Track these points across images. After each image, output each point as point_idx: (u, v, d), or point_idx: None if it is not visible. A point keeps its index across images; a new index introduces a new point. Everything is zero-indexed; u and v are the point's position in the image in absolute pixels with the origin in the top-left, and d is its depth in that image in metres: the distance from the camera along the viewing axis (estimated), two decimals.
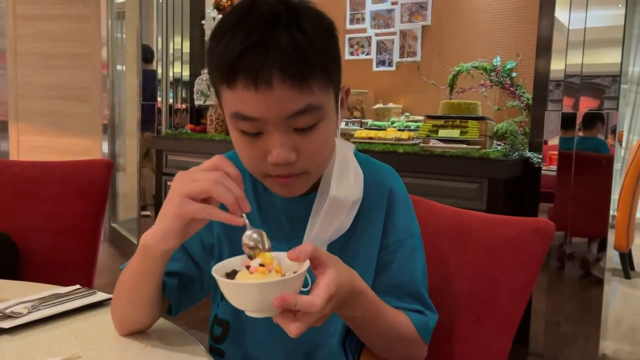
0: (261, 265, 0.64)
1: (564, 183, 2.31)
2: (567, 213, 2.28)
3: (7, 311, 0.89)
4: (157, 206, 3.35)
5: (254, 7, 0.69)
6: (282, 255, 0.67)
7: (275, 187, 0.77)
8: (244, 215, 0.67)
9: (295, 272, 0.64)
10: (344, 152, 0.81)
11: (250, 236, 0.68)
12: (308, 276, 0.65)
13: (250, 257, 0.68)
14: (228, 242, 0.86)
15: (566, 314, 2.35)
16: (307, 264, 0.64)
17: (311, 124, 0.71)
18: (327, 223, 0.78)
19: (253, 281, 0.61)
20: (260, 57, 0.66)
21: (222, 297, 0.88)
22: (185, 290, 0.86)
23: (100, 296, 1.00)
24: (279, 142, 0.70)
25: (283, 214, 0.84)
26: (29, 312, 0.91)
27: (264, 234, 0.69)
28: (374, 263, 0.84)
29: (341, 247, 0.82)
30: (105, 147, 4.31)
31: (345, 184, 0.78)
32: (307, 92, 0.68)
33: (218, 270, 0.66)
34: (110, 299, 0.99)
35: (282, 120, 0.69)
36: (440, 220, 1.04)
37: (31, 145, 4.21)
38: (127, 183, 4.31)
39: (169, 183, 3.19)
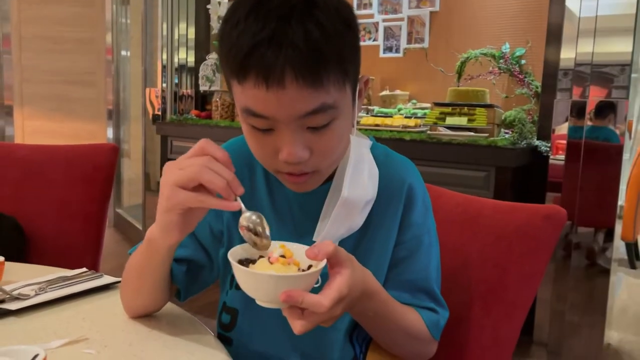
0: (282, 256, 0.64)
1: (572, 172, 2.29)
2: (574, 202, 2.27)
3: (15, 293, 0.89)
4: None
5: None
6: (301, 248, 0.66)
7: (287, 183, 0.76)
8: (238, 198, 0.66)
9: (310, 266, 0.64)
10: (359, 149, 0.77)
11: (249, 218, 0.67)
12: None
13: (255, 243, 0.67)
14: (238, 229, 0.84)
15: (571, 304, 2.34)
16: (324, 261, 0.63)
17: (325, 123, 0.68)
18: (338, 223, 0.76)
19: (272, 272, 0.61)
20: (273, 54, 0.62)
21: (232, 285, 0.88)
22: (193, 277, 0.86)
23: (106, 279, 1.00)
24: (290, 140, 0.68)
25: (296, 204, 0.83)
26: (36, 294, 0.90)
27: (262, 217, 0.67)
28: (388, 258, 0.83)
29: (355, 243, 0.81)
30: (110, 132, 4.31)
31: (358, 184, 0.75)
32: (321, 91, 0.65)
33: (233, 255, 0.65)
34: (116, 282, 0.99)
35: (294, 119, 0.67)
36: (449, 207, 1.02)
37: (36, 130, 4.21)
38: (131, 169, 4.32)
39: None
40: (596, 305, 2.30)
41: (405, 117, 2.59)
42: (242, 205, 0.66)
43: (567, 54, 2.35)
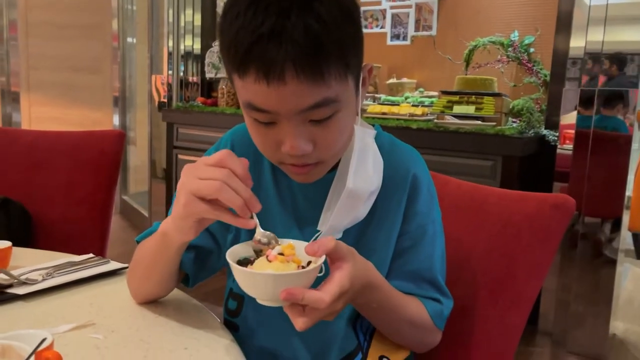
0: (280, 254, 0.64)
1: (579, 162, 2.27)
2: (581, 192, 2.25)
3: (22, 278, 0.90)
4: (167, 180, 3.35)
5: None
6: (301, 245, 0.66)
7: (291, 174, 0.76)
8: (254, 215, 0.67)
9: (309, 262, 0.64)
10: (364, 139, 0.76)
11: (263, 234, 0.69)
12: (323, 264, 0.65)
13: (258, 253, 0.67)
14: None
15: (577, 294, 2.34)
16: (323, 257, 0.63)
17: (327, 116, 0.68)
18: (343, 214, 0.75)
19: (269, 271, 0.61)
20: (273, 49, 0.62)
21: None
22: (202, 264, 0.86)
23: (113, 265, 1.00)
24: (293, 133, 0.68)
25: (300, 193, 0.83)
26: (44, 279, 0.91)
27: (275, 236, 0.69)
28: (392, 248, 0.82)
29: (359, 233, 0.81)
30: (116, 119, 4.31)
31: (363, 174, 0.74)
32: (322, 86, 0.65)
33: (232, 255, 0.66)
34: (123, 268, 0.99)
35: (296, 113, 0.67)
36: (456, 195, 1.02)
37: (42, 117, 4.22)
38: (137, 156, 4.32)
39: (179, 156, 3.19)
40: (602, 295, 2.30)
41: (412, 106, 2.57)
42: (257, 222, 0.67)
43: (577, 43, 2.32)
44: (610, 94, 2.21)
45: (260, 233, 0.68)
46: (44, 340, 0.58)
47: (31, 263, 0.98)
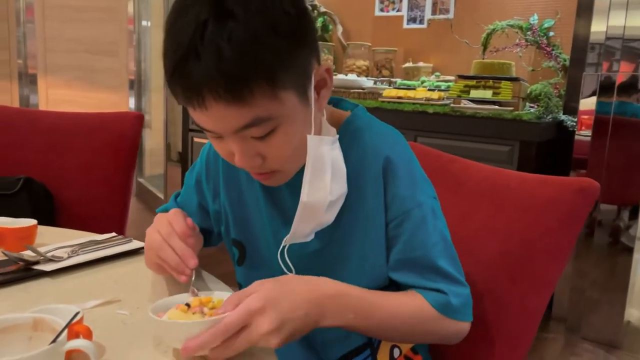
0: (187, 305, 0.64)
1: (598, 148, 2.25)
2: (599, 179, 2.22)
3: (49, 255, 0.91)
4: (183, 163, 3.37)
5: (184, 7, 0.62)
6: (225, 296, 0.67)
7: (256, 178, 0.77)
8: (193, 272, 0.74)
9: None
10: (318, 149, 0.71)
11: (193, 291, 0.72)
12: None
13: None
14: (232, 209, 0.88)
15: (592, 280, 2.33)
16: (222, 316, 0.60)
17: (266, 133, 0.66)
18: (304, 223, 0.74)
19: (165, 318, 0.62)
20: (189, 76, 0.61)
21: (236, 263, 0.91)
22: (205, 241, 0.94)
23: (136, 244, 1.02)
24: (238, 149, 0.68)
25: (287, 190, 0.80)
26: (69, 257, 0.93)
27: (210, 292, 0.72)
28: (376, 238, 0.78)
29: (331, 230, 0.78)
30: (131, 102, 4.33)
31: (318, 187, 0.71)
32: (247, 107, 0.62)
33: (154, 309, 0.65)
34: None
35: (232, 133, 0.66)
36: (477, 179, 1.02)
37: (59, 99, 4.25)
38: (152, 139, 4.35)
39: (195, 139, 3.21)
40: (617, 282, 2.29)
41: (429, 90, 2.55)
42: (192, 280, 0.74)
43: (598, 27, 2.28)
44: (631, 80, 2.18)
45: (193, 286, 0.73)
46: (77, 314, 0.60)
47: (55, 241, 1.00)
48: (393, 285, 0.81)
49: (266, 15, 0.61)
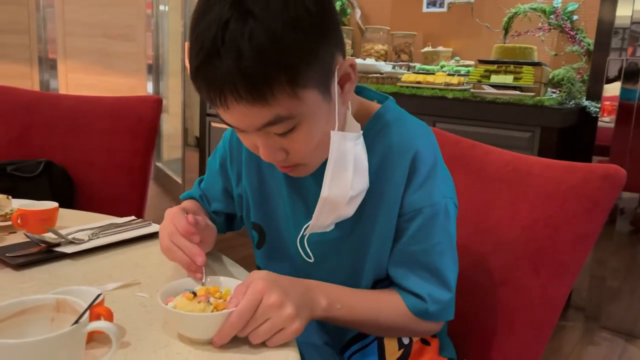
0: (193, 293, 0.68)
1: (621, 135, 2.20)
2: (622, 166, 2.18)
3: (70, 237, 0.92)
4: (200, 148, 3.38)
5: (207, 7, 0.62)
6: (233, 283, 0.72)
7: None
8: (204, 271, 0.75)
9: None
10: (342, 144, 0.71)
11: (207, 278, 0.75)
12: None
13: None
14: (252, 194, 0.89)
15: (612, 269, 2.29)
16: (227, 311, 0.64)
17: (286, 130, 0.67)
18: (324, 216, 0.74)
19: (168, 306, 0.65)
20: (211, 77, 0.62)
21: (257, 245, 0.92)
22: (230, 225, 0.99)
23: (155, 227, 1.03)
24: (262, 144, 0.69)
25: (311, 179, 0.80)
26: (90, 239, 0.94)
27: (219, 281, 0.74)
28: (390, 230, 0.79)
29: (353, 220, 0.77)
30: (149, 87, 4.35)
31: (340, 182, 0.71)
32: (267, 106, 0.63)
33: (164, 294, 0.68)
34: None
35: (254, 130, 0.67)
36: (498, 165, 1.00)
37: (79, 83, 4.29)
38: (170, 123, 4.37)
39: (212, 124, 3.21)
40: (638, 271, 2.25)
41: (448, 75, 2.51)
42: (204, 273, 0.75)
43: (623, 11, 2.22)
44: None
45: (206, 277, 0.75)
46: (99, 295, 0.60)
47: (75, 224, 1.01)
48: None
49: (287, 14, 0.61)
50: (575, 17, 2.59)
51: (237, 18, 0.60)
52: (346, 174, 0.71)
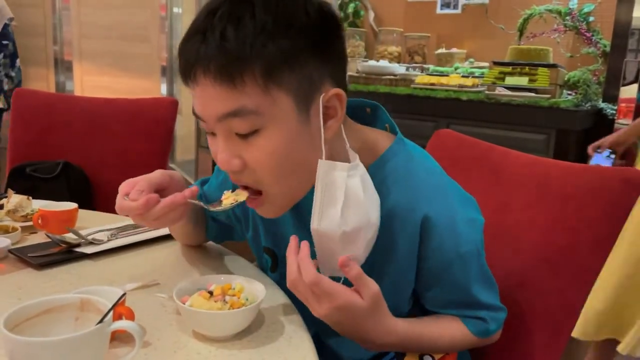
0: (209, 292, 0.70)
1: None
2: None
3: (89, 238, 0.94)
4: None
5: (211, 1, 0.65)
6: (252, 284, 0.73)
7: None
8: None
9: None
10: (330, 174, 0.66)
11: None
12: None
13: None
14: (262, 219, 0.85)
15: None
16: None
17: (249, 130, 0.64)
18: (326, 256, 0.68)
19: (186, 304, 0.66)
20: (190, 50, 0.63)
21: (271, 269, 0.89)
22: (224, 234, 0.96)
23: None
24: (222, 147, 0.68)
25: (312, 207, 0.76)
26: (109, 240, 0.95)
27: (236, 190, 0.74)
28: (404, 279, 0.77)
29: (362, 265, 0.71)
30: (163, 88, 4.38)
31: (329, 213, 0.65)
32: (235, 92, 0.62)
33: (178, 293, 0.69)
34: None
35: (216, 120, 0.65)
36: (516, 167, 0.99)
37: (94, 85, 4.33)
38: (184, 125, 4.39)
39: None
40: None
41: (462, 77, 2.50)
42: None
43: None
44: None
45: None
46: (123, 295, 0.61)
47: (95, 225, 1.02)
48: (415, 308, 0.82)
49: (284, 8, 0.62)
50: (591, 19, 2.56)
51: (231, 2, 0.62)
52: (335, 206, 0.65)
